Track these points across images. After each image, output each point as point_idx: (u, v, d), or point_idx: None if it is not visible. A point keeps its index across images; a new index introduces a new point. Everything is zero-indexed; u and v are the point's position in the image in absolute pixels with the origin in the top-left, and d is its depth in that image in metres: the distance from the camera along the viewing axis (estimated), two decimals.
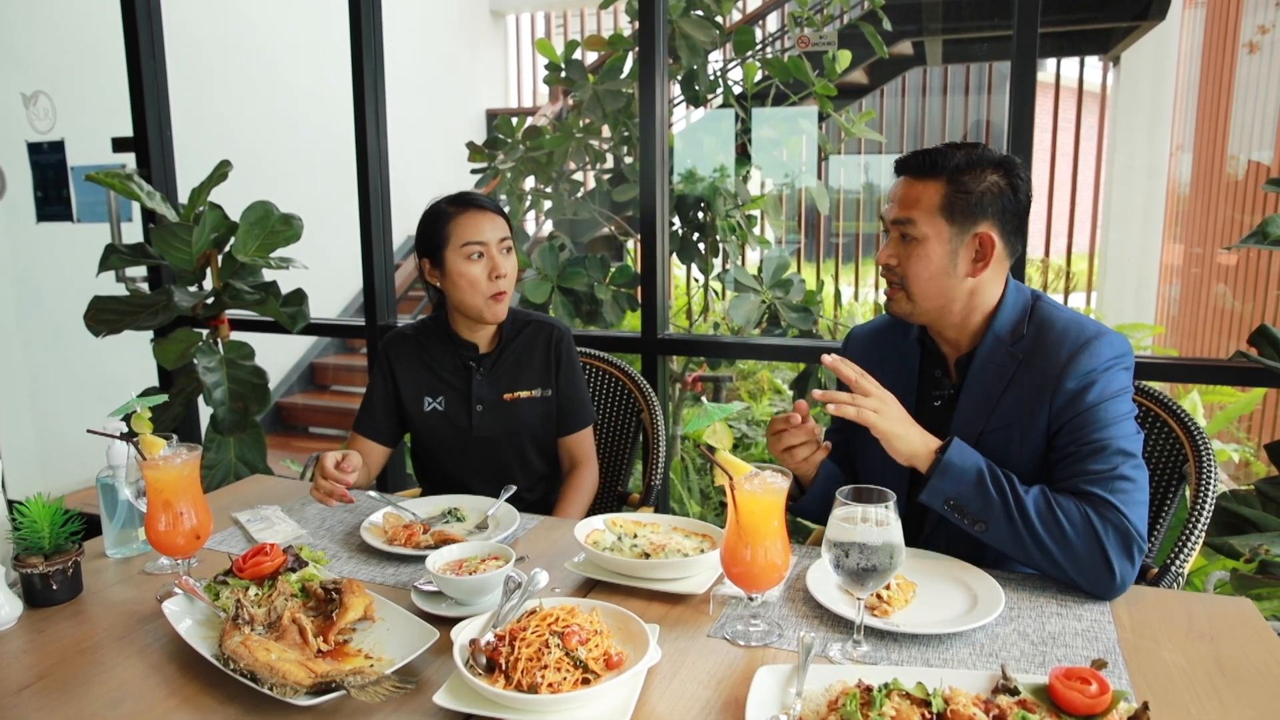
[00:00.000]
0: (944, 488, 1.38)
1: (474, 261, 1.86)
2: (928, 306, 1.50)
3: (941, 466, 1.38)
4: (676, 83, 4.27)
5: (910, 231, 1.47)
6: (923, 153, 1.49)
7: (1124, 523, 1.31)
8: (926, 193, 1.46)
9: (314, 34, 5.59)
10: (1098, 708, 0.93)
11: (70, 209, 3.86)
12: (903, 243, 1.49)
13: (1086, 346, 1.41)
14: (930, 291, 1.49)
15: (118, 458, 1.53)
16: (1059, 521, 1.32)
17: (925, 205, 1.46)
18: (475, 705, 1.03)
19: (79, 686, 1.13)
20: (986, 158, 1.46)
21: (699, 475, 4.30)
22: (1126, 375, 1.44)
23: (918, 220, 1.46)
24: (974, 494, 1.36)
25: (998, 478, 1.37)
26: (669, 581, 1.36)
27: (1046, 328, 1.46)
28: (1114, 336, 1.44)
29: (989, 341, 1.49)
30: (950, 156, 1.46)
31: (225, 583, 1.29)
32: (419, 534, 1.55)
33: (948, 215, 1.45)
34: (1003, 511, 1.34)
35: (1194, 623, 1.26)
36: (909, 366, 1.62)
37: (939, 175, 1.46)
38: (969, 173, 1.45)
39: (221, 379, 2.76)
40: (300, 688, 1.06)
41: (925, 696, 0.96)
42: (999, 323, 1.49)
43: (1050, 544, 1.32)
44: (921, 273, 1.48)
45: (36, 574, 1.33)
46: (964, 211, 1.45)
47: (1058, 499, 1.34)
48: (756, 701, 1.02)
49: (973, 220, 1.45)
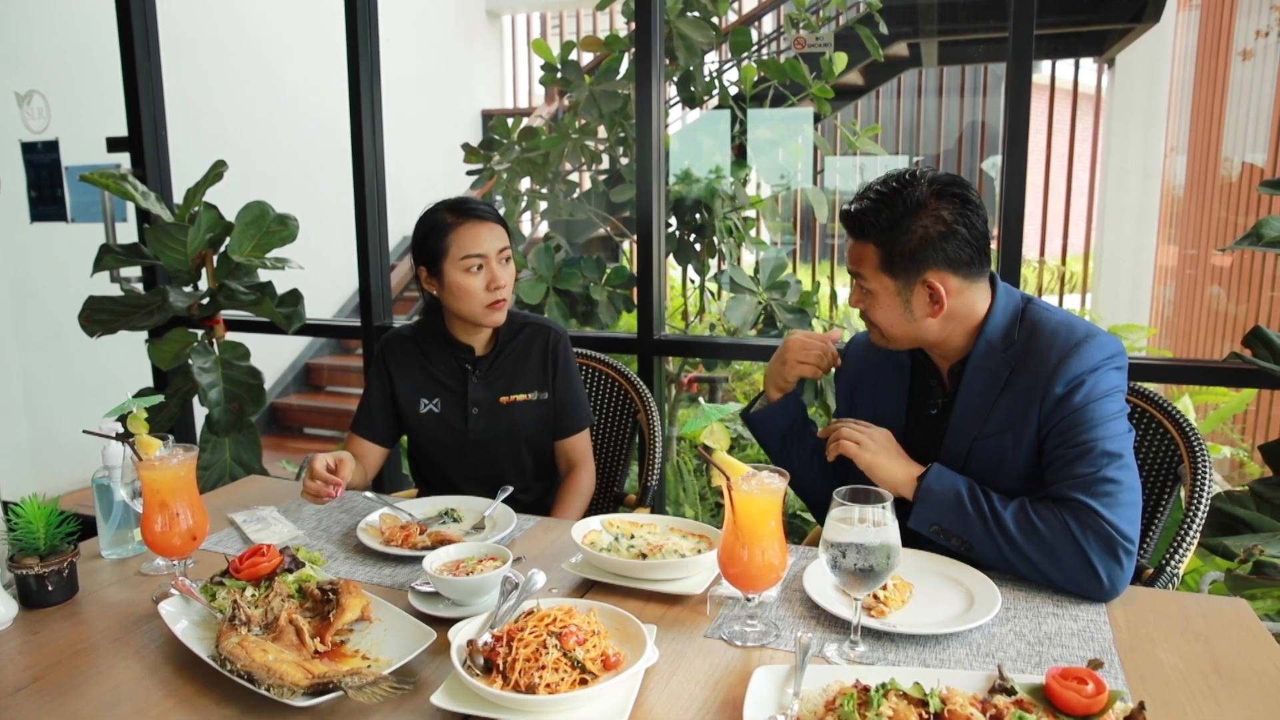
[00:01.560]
0: (927, 514, 1.43)
1: (473, 274, 1.85)
2: (904, 342, 1.54)
3: (922, 494, 1.43)
4: (673, 83, 4.27)
5: (863, 285, 1.51)
6: (848, 214, 1.49)
7: (1104, 527, 1.31)
8: (866, 252, 1.48)
9: (309, 34, 5.58)
10: (1094, 708, 0.93)
11: (64, 209, 3.84)
12: (863, 293, 1.52)
13: (1076, 350, 1.41)
14: (898, 335, 1.52)
15: (113, 458, 1.53)
16: (1039, 533, 1.33)
17: (868, 262, 1.48)
18: (473, 706, 1.03)
19: (75, 688, 1.13)
20: (913, 197, 1.42)
21: (696, 478, 4.30)
22: (1118, 375, 1.43)
23: (866, 275, 1.49)
24: (955, 517, 1.40)
25: (977, 498, 1.39)
26: (666, 582, 1.36)
27: (1038, 331, 1.46)
28: (1105, 338, 1.44)
29: (981, 348, 1.49)
30: (876, 215, 1.44)
31: (222, 583, 1.28)
32: (416, 535, 1.55)
33: (889, 271, 1.46)
34: (983, 530, 1.37)
35: (1189, 623, 1.27)
36: (902, 376, 1.63)
37: (866, 239, 1.47)
38: (895, 229, 1.43)
39: (217, 379, 2.76)
40: (297, 688, 1.06)
41: (922, 696, 0.96)
42: (990, 329, 1.49)
43: (1034, 556, 1.34)
44: (883, 320, 1.51)
45: (32, 575, 1.33)
46: (903, 266, 1.44)
47: (1037, 510, 1.35)
48: (754, 702, 1.02)
49: (915, 270, 1.44)
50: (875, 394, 1.65)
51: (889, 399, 1.56)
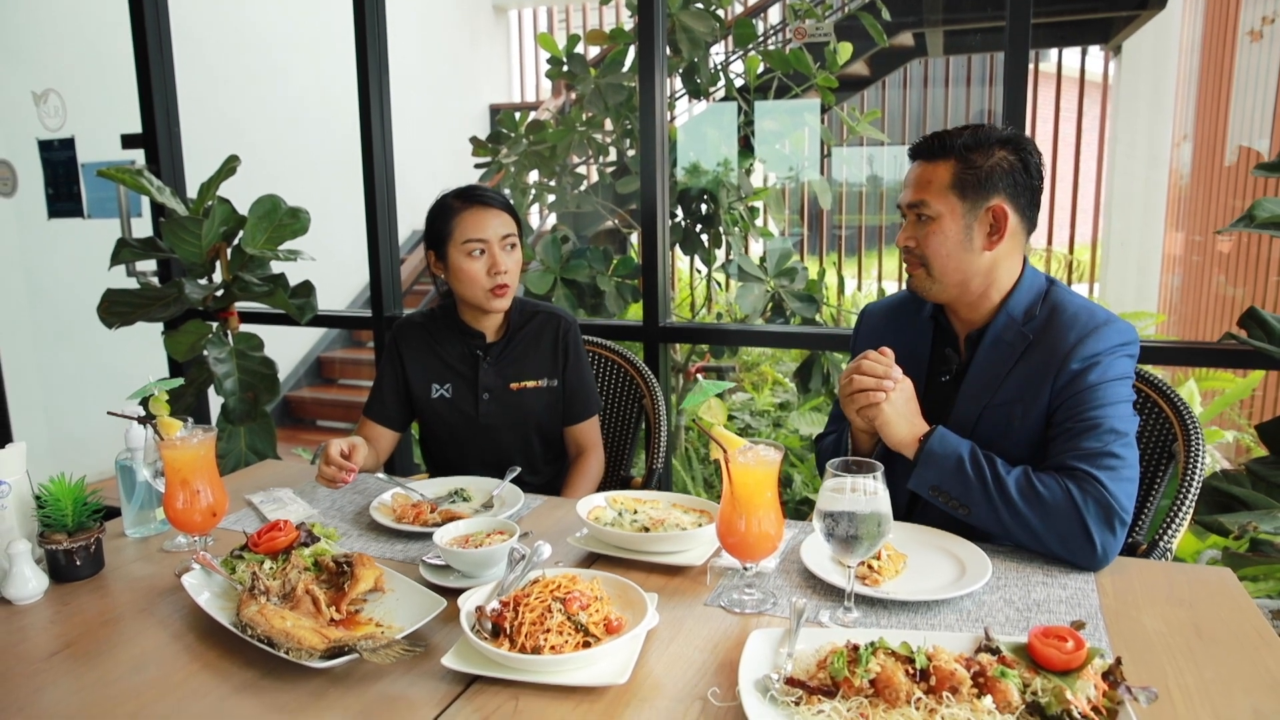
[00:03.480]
0: (927, 475, 1.47)
1: (475, 258, 1.90)
2: (948, 283, 1.56)
3: (924, 455, 1.47)
4: (678, 75, 4.31)
5: (925, 212, 1.53)
6: (932, 136, 1.56)
7: (1104, 495, 1.35)
8: (937, 173, 1.53)
9: (319, 31, 5.64)
10: (1073, 663, 0.97)
11: (81, 205, 3.92)
12: (919, 224, 1.55)
13: (1095, 331, 1.47)
14: (949, 268, 1.54)
15: (135, 440, 1.59)
16: (1040, 497, 1.38)
17: (937, 185, 1.52)
18: (481, 667, 1.08)
19: (105, 653, 1.19)
20: (993, 136, 1.53)
21: (702, 465, 4.34)
22: (1130, 363, 1.49)
23: (930, 200, 1.53)
24: (954, 480, 1.44)
25: (979, 462, 1.43)
26: (667, 554, 1.41)
27: (1059, 311, 1.52)
28: (1122, 324, 1.50)
29: (1002, 319, 1.55)
30: (957, 136, 1.53)
31: (241, 557, 1.34)
32: (427, 513, 1.60)
33: (959, 191, 1.51)
34: (983, 494, 1.41)
35: (1175, 590, 1.31)
36: (921, 343, 1.68)
37: (948, 155, 1.52)
38: (976, 150, 1.51)
39: (232, 369, 2.82)
40: (315, 651, 1.11)
41: (909, 654, 1.01)
42: (1013, 302, 1.55)
43: (1032, 520, 1.38)
44: (939, 250, 1.53)
45: (61, 550, 1.38)
46: (974, 186, 1.51)
47: (1040, 476, 1.40)
48: (749, 661, 1.06)
49: (984, 195, 1.51)
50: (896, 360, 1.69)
51: (910, 365, 1.59)
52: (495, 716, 1.02)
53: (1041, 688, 0.97)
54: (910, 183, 1.57)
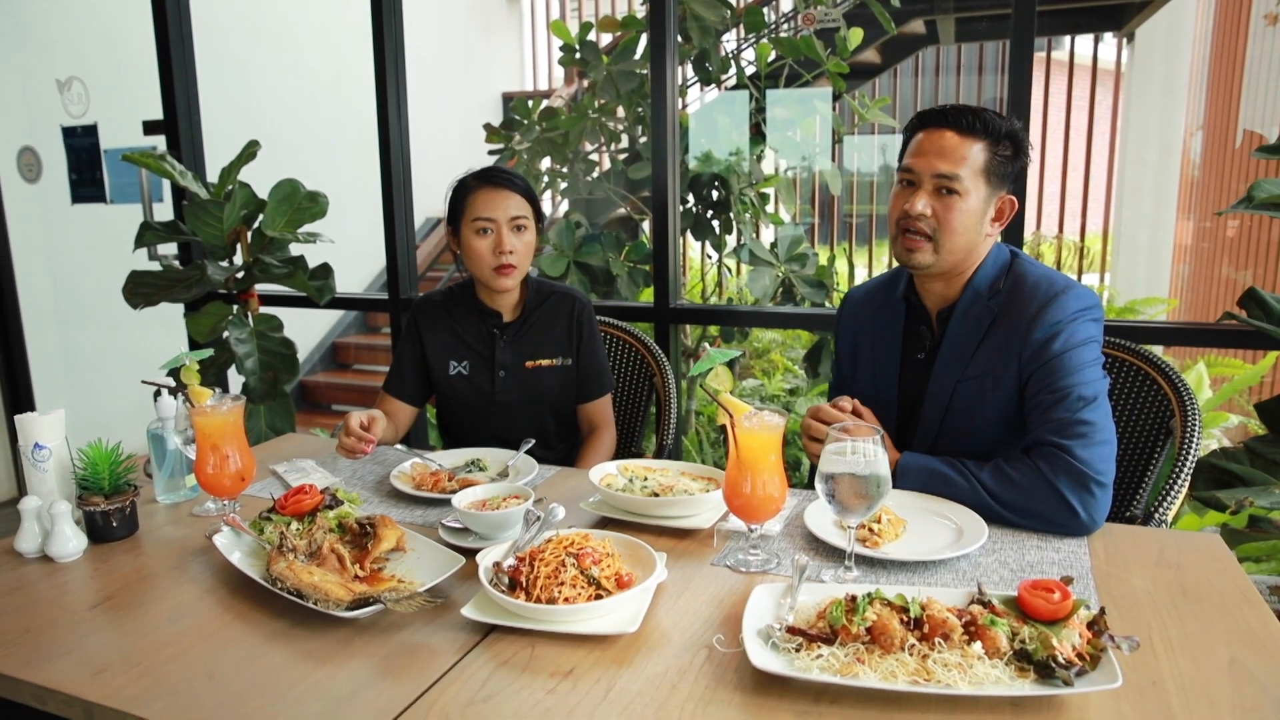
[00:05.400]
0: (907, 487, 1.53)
1: (482, 237, 1.96)
2: (951, 259, 1.58)
3: (899, 473, 1.53)
4: (689, 63, 4.34)
5: (954, 186, 1.53)
6: (969, 110, 1.54)
7: (1073, 464, 1.41)
8: (973, 151, 1.53)
9: (336, 19, 5.70)
10: (1059, 613, 1.03)
11: (104, 190, 4.00)
12: (941, 196, 1.54)
13: (1054, 300, 1.51)
14: (960, 244, 1.56)
15: (166, 410, 1.66)
16: (1013, 481, 1.44)
17: (972, 164, 1.53)
18: (499, 617, 1.15)
19: (143, 606, 1.26)
20: (1018, 134, 1.58)
21: (713, 448, 4.40)
22: (1094, 326, 1.53)
23: (964, 177, 1.52)
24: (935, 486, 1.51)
25: (953, 465, 1.50)
26: (676, 519, 1.47)
27: (1020, 282, 1.57)
28: (1081, 290, 1.54)
29: (968, 295, 1.60)
30: (994, 122, 1.54)
31: (269, 519, 1.40)
32: (445, 480, 1.67)
33: (987, 176, 1.55)
34: (968, 490, 1.47)
35: (1164, 554, 1.36)
36: (895, 323, 1.73)
37: (986, 137, 1.53)
38: (1004, 141, 1.55)
39: (252, 350, 2.89)
40: (341, 603, 1.18)
41: (904, 604, 1.06)
42: (979, 277, 1.60)
43: (1013, 503, 1.44)
44: (959, 225, 1.54)
45: (98, 512, 1.46)
46: (998, 175, 1.55)
47: (1010, 464, 1.46)
48: (753, 612, 1.12)
49: (1001, 184, 1.57)
50: (874, 341, 1.75)
51: (885, 344, 1.65)
52: (513, 661, 1.08)
53: (1029, 635, 1.02)
54: (937, 150, 1.53)
